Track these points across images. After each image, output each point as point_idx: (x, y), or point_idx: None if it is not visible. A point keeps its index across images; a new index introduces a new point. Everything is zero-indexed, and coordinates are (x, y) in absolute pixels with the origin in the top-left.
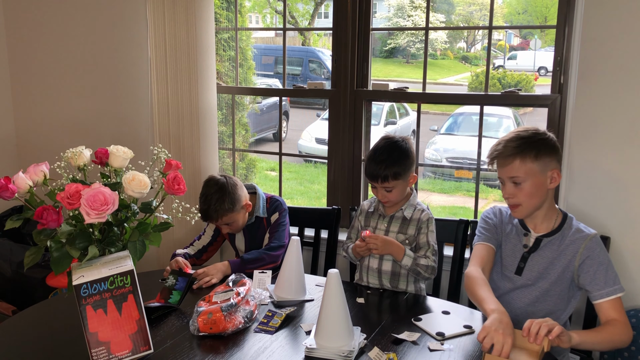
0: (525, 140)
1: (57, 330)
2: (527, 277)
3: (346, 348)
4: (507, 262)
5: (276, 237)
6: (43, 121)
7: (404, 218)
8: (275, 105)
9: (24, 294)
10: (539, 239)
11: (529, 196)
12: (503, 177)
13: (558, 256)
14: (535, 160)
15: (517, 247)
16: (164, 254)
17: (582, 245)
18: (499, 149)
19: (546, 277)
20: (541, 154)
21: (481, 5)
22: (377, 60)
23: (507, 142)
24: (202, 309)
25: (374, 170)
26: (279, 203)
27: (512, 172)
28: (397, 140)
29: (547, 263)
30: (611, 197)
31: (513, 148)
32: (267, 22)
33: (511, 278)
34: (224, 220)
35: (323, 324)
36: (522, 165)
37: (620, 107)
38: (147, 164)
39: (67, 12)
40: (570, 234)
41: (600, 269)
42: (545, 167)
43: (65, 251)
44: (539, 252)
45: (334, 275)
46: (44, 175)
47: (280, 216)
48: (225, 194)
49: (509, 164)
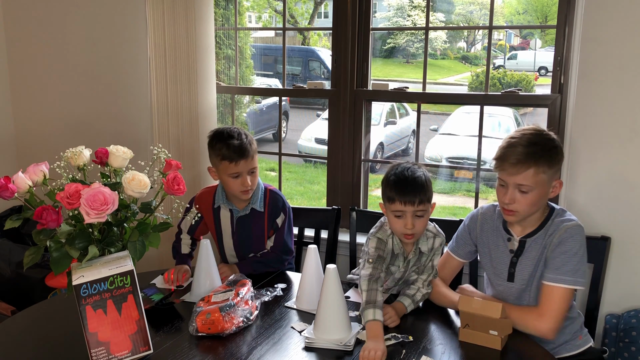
0: (540, 148)
1: (56, 331)
2: (520, 282)
3: (344, 341)
4: (499, 271)
5: (283, 245)
6: (42, 121)
7: (420, 252)
8: (275, 105)
9: (24, 294)
10: (522, 240)
11: (530, 205)
12: (508, 181)
13: (543, 251)
14: (547, 170)
15: (505, 253)
16: (164, 253)
17: (556, 236)
18: (510, 152)
19: (537, 278)
20: (553, 164)
21: (481, 5)
22: (377, 60)
23: (520, 147)
24: (200, 309)
25: (411, 192)
26: (283, 202)
27: (523, 181)
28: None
29: (533, 264)
30: (612, 197)
31: (527, 155)
32: (264, 19)
33: (506, 285)
34: (254, 159)
35: (321, 318)
36: (535, 175)
37: (620, 107)
38: (147, 164)
39: (66, 11)
40: (552, 226)
41: (563, 257)
42: (552, 177)
43: (65, 251)
44: (525, 254)
45: (332, 271)
46: (43, 175)
47: (286, 219)
48: (247, 134)
49: (522, 172)
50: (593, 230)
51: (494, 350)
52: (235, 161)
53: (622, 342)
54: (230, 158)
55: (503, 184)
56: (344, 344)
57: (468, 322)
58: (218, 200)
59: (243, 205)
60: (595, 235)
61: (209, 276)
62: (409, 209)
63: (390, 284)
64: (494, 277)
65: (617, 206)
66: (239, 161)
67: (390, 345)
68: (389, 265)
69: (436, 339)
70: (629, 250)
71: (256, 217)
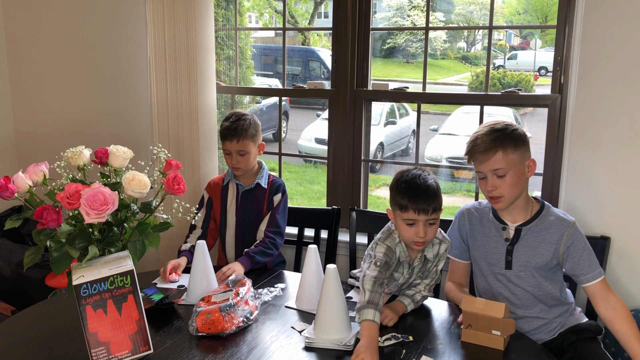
0: (501, 132)
1: (56, 331)
2: (518, 269)
3: (344, 341)
4: (494, 260)
5: (276, 224)
6: (42, 121)
7: (425, 259)
8: (275, 105)
9: (23, 294)
10: (518, 229)
11: (511, 186)
12: (484, 170)
13: (541, 242)
14: (515, 150)
15: (500, 242)
16: (164, 253)
17: (566, 233)
18: (477, 143)
19: (534, 265)
20: (518, 144)
21: (481, 5)
22: (377, 60)
23: (485, 136)
24: (200, 309)
25: (424, 200)
26: (283, 185)
27: (496, 165)
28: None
29: (531, 250)
30: (611, 197)
31: (492, 141)
32: (265, 19)
33: (503, 274)
34: (244, 144)
35: (321, 318)
36: (504, 157)
37: (620, 107)
38: (147, 164)
39: (66, 11)
40: (550, 220)
41: (584, 254)
42: (523, 157)
43: (65, 251)
44: (521, 241)
45: (332, 271)
46: (43, 175)
47: (282, 199)
48: (252, 121)
49: (491, 157)
50: (593, 230)
51: (495, 351)
52: (224, 140)
53: None
54: (222, 136)
55: (482, 176)
56: (344, 344)
57: (471, 322)
58: (227, 177)
59: (249, 182)
60: (595, 235)
61: (206, 277)
62: (422, 217)
63: (393, 289)
64: (489, 266)
65: (617, 206)
66: (225, 141)
67: (390, 345)
68: (393, 272)
69: (436, 339)
70: (628, 250)
71: (259, 191)
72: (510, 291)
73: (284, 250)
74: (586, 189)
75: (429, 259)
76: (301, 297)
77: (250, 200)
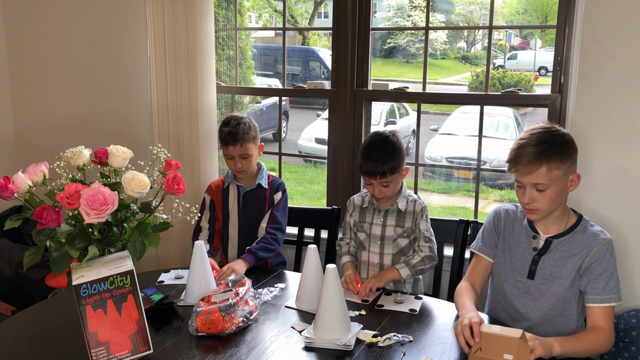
0: (549, 145)
1: (56, 331)
2: (540, 281)
3: (344, 341)
4: (519, 267)
5: (277, 220)
6: (42, 121)
7: (399, 211)
8: (275, 105)
9: (23, 294)
10: (548, 240)
11: (550, 202)
12: (524, 182)
13: (569, 257)
14: (560, 165)
15: (527, 250)
16: (164, 253)
17: (594, 249)
18: (521, 155)
19: (558, 280)
20: (565, 159)
21: (481, 5)
22: (377, 60)
23: (531, 147)
24: (200, 309)
25: (371, 167)
26: (283, 184)
27: (537, 179)
28: (387, 135)
29: (557, 264)
30: (611, 197)
31: (538, 154)
32: (265, 19)
33: (524, 282)
34: (246, 147)
35: (321, 318)
36: (548, 172)
37: (620, 107)
38: (146, 164)
39: (66, 11)
40: (584, 236)
41: (604, 275)
42: (568, 172)
43: (65, 251)
44: (549, 253)
45: (332, 271)
46: (43, 175)
47: (282, 197)
48: (251, 124)
49: (535, 171)
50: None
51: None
52: (226, 145)
53: (622, 342)
54: (224, 142)
55: (520, 185)
56: (344, 344)
57: (482, 345)
58: (227, 180)
59: (249, 183)
60: None
61: (204, 278)
62: (375, 180)
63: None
64: (512, 272)
65: (617, 206)
66: (228, 146)
67: (390, 345)
68: (362, 223)
69: (436, 339)
70: (629, 250)
71: (261, 191)
72: (523, 303)
73: (284, 250)
74: (585, 189)
75: (402, 210)
76: (301, 297)
77: (252, 201)
